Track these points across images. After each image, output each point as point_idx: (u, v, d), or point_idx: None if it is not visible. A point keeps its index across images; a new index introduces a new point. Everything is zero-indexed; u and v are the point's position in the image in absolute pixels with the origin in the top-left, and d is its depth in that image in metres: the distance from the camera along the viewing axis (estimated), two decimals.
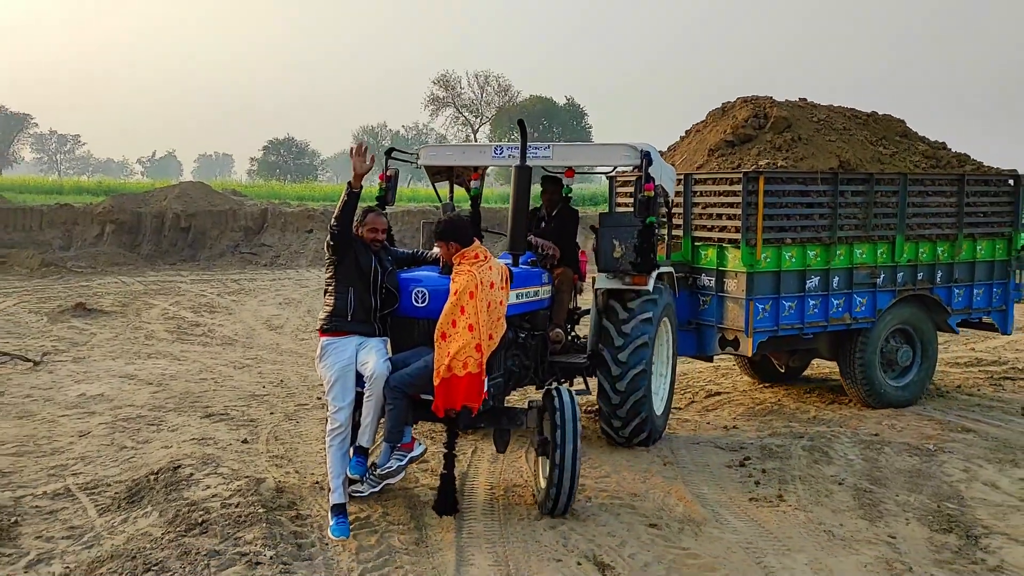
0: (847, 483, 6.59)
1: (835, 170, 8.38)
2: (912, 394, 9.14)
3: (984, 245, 9.36)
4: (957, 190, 9.03)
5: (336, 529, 5.37)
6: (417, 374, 5.63)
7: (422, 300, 5.84)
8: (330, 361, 5.69)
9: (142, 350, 12.28)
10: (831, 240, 8.31)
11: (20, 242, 24.58)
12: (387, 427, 5.67)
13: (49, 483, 6.60)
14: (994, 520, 5.98)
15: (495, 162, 7.38)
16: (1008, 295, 9.66)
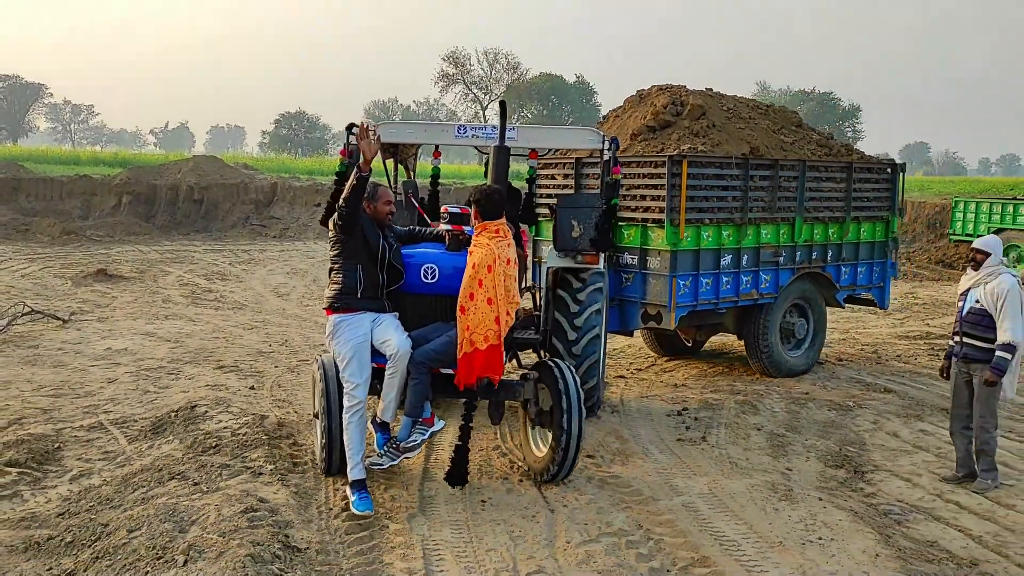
0: (765, 429, 7.69)
1: (747, 156, 9.01)
2: (806, 363, 9.93)
3: (867, 227, 10.29)
4: (846, 176, 9.87)
5: (360, 504, 5.44)
6: (442, 349, 5.73)
7: (432, 276, 5.94)
8: (344, 338, 5.64)
9: (160, 312, 13.43)
10: (742, 221, 8.92)
11: (41, 211, 25.76)
12: (409, 402, 5.74)
13: (84, 419, 7.73)
14: (884, 461, 7.06)
15: (458, 141, 7.38)
16: (886, 273, 10.67)
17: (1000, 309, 6.26)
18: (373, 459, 5.77)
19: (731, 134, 9.41)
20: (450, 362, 5.73)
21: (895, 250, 10.78)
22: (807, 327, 10.03)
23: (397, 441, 5.75)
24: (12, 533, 5.32)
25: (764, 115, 10.40)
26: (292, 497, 5.55)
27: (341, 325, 5.66)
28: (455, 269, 5.88)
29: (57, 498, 5.92)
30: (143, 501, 5.54)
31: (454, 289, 5.82)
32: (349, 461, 5.61)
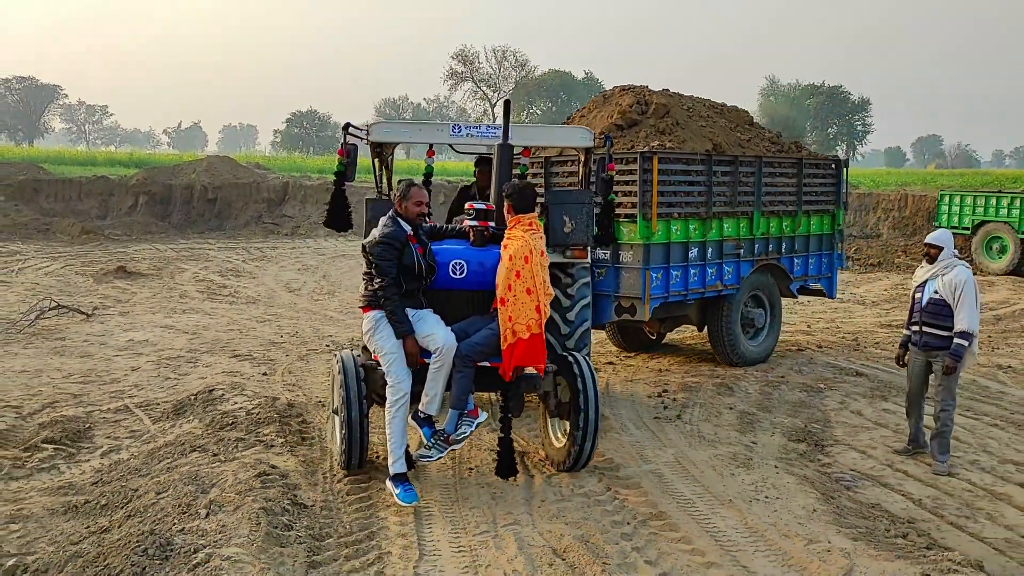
0: (736, 408, 8.32)
1: (710, 152, 9.39)
2: (765, 351, 10.36)
3: (816, 220, 10.79)
4: (797, 172, 10.37)
5: (405, 496, 5.52)
6: (486, 342, 5.84)
7: (460, 272, 6.05)
8: (386, 334, 5.72)
9: (177, 306, 14.15)
10: (707, 215, 9.26)
11: (61, 211, 26.57)
12: (455, 395, 5.85)
13: (111, 403, 8.43)
14: (845, 436, 7.67)
15: (453, 140, 7.40)
16: (833, 264, 11.20)
17: (957, 300, 6.68)
18: (422, 452, 5.84)
19: (694, 132, 9.87)
20: (492, 354, 5.85)
21: (841, 242, 11.30)
22: (765, 317, 10.42)
23: (445, 433, 5.81)
24: (52, 499, 6.01)
25: (720, 114, 10.90)
26: (300, 465, 6.23)
27: (382, 321, 5.74)
28: (482, 264, 6.05)
29: (90, 470, 6.61)
30: (168, 470, 6.22)
31: (482, 284, 6.03)
32: (392, 455, 5.68)
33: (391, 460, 5.68)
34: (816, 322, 13.59)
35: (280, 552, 4.61)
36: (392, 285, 5.67)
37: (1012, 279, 18.82)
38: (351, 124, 7.27)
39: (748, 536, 5.14)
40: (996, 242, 19.95)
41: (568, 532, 5.11)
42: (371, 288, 5.81)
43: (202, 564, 4.24)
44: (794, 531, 5.21)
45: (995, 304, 15.75)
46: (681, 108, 10.25)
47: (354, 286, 15.93)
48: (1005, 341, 12.21)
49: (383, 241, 5.69)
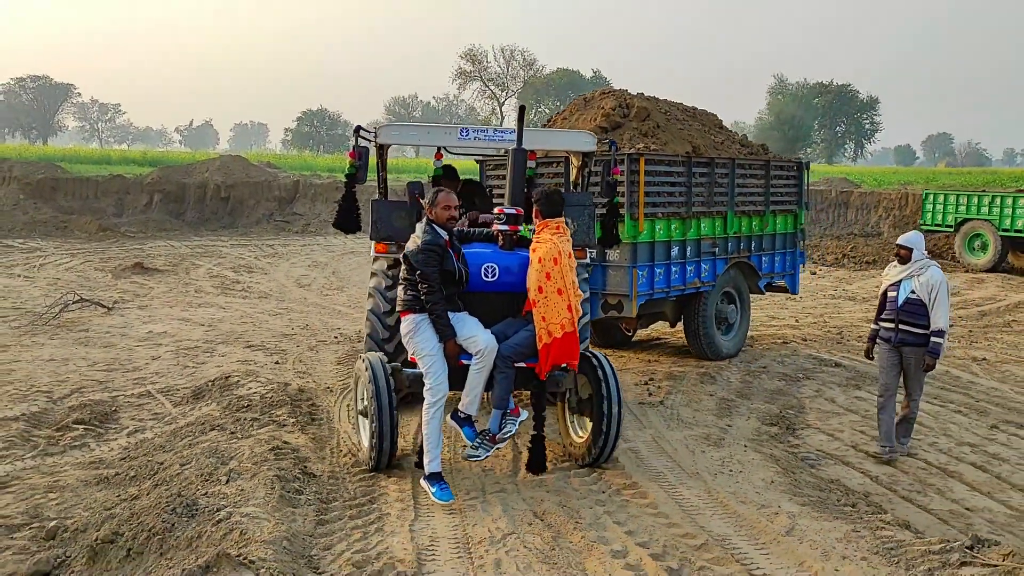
0: (717, 395, 8.89)
1: (690, 154, 9.73)
2: (737, 345, 10.77)
3: (781, 220, 11.28)
4: (764, 173, 10.84)
5: (441, 494, 5.66)
6: (525, 343, 6.02)
7: (492, 275, 6.20)
8: (426, 336, 5.86)
9: (193, 301, 14.81)
10: (687, 215, 9.62)
11: (78, 209, 27.30)
12: (497, 395, 6.02)
13: (134, 388, 9.06)
14: (817, 421, 8.23)
15: (460, 143, 7.52)
16: (796, 261, 11.73)
17: (933, 299, 6.90)
18: (470, 451, 6.00)
19: (674, 134, 10.27)
20: (531, 355, 6.03)
21: (803, 240, 11.82)
22: (737, 312, 10.83)
23: (491, 433, 5.99)
24: (85, 472, 6.64)
25: (693, 117, 11.33)
26: (310, 441, 6.85)
27: (423, 324, 5.87)
28: (512, 267, 6.21)
29: (118, 447, 7.24)
30: (190, 446, 6.84)
31: (512, 286, 6.20)
32: (428, 454, 5.79)
33: (427, 459, 5.80)
34: (805, 317, 14.14)
35: (292, 511, 5.23)
36: (438, 291, 5.80)
37: (1001, 276, 19.30)
38: (362, 127, 7.43)
39: (709, 503, 5.72)
40: (977, 239, 20.60)
41: (548, 498, 5.71)
42: (411, 293, 5.90)
43: (224, 520, 4.84)
44: (751, 499, 5.79)
45: (981, 300, 16.26)
46: (659, 111, 10.65)
47: (361, 282, 16.55)
48: (985, 335, 12.73)
49: (425, 248, 5.80)
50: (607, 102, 10.57)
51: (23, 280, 16.61)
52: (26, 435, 7.45)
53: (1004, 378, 10.03)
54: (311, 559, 4.69)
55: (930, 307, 6.93)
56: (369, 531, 5.13)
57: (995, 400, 9.02)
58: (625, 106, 10.46)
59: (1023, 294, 16.78)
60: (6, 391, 8.74)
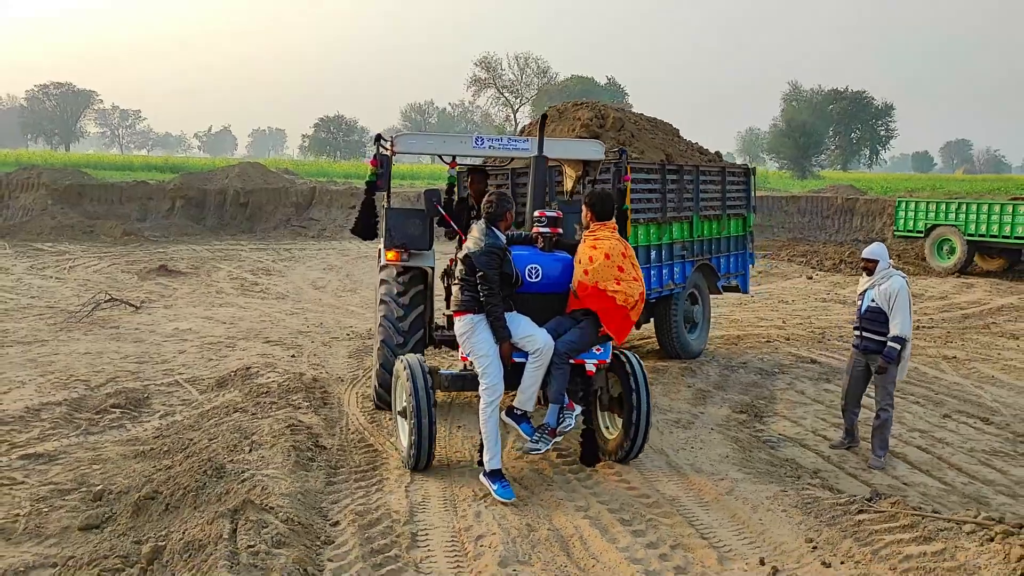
0: (695, 387, 9.68)
1: (664, 162, 10.24)
2: (703, 342, 11.34)
3: (733, 223, 11.88)
4: (721, 179, 11.41)
5: (503, 492, 5.85)
6: (581, 339, 6.24)
7: (536, 276, 6.35)
8: (483, 336, 6.04)
9: (215, 301, 15.74)
10: (663, 220, 10.11)
11: (103, 214, 28.39)
12: (555, 390, 6.22)
13: (164, 379, 9.96)
14: (785, 410, 9.01)
15: (475, 152, 7.73)
16: (746, 262, 12.39)
17: (892, 307, 7.18)
18: (529, 445, 6.22)
19: (647, 143, 10.91)
20: (583, 350, 6.29)
21: (752, 242, 12.48)
22: (700, 312, 11.35)
23: (549, 427, 6.19)
24: (123, 448, 7.52)
25: (657, 128, 11.92)
26: (321, 421, 7.71)
27: (480, 324, 6.04)
28: (554, 268, 6.42)
29: (152, 428, 8.12)
30: (216, 425, 7.72)
31: (554, 286, 6.40)
32: (487, 452, 5.99)
33: (487, 457, 6.03)
34: (792, 318, 14.89)
35: (305, 474, 6.09)
36: (498, 292, 5.98)
37: (990, 281, 19.97)
38: (382, 136, 7.61)
39: (667, 472, 6.53)
40: (946, 244, 21.64)
41: (527, 468, 6.55)
42: (469, 294, 6.06)
43: (248, 479, 5.70)
44: (705, 469, 6.61)
45: (967, 304, 16.94)
46: (630, 122, 11.24)
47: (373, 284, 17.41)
48: (961, 336, 13.43)
49: (490, 251, 5.99)
50: (583, 113, 11.02)
51: (55, 281, 17.61)
52: (69, 417, 8.34)
53: (968, 374, 10.75)
54: (320, 509, 5.55)
55: (889, 314, 7.21)
56: (370, 491, 5.98)
57: (954, 393, 9.77)
58: (600, 116, 10.93)
59: (1009, 298, 17.45)
60: (48, 380, 9.65)
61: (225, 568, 4.19)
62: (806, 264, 23.50)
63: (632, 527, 5.34)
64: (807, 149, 79.20)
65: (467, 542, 5.12)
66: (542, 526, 5.36)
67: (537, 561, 4.84)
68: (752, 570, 4.74)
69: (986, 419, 8.69)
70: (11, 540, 5.65)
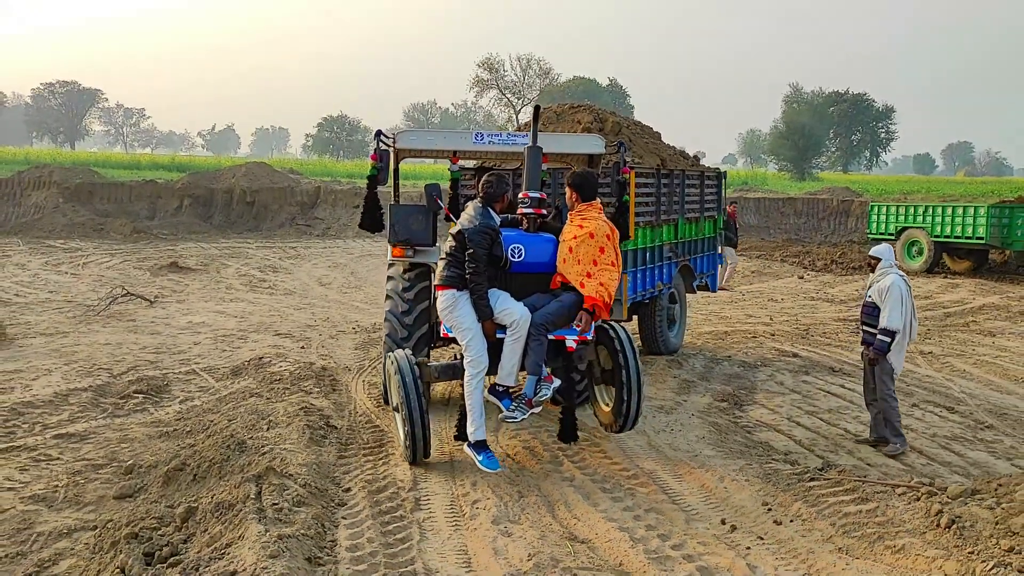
0: (680, 377, 10.30)
1: (659, 167, 10.58)
2: (680, 339, 11.74)
3: (707, 225, 12.37)
4: (699, 183, 11.91)
5: (487, 462, 6.12)
6: (558, 312, 6.31)
7: (518, 255, 6.46)
8: (466, 311, 6.17)
9: (225, 296, 16.39)
10: (656, 223, 10.42)
11: (113, 212, 29.08)
12: (532, 361, 6.30)
13: (181, 368, 10.59)
14: (763, 399, 9.62)
15: (476, 147, 7.81)
16: (715, 262, 12.98)
17: (883, 301, 7.51)
18: (506, 414, 6.32)
19: (642, 147, 11.27)
20: (562, 325, 6.37)
21: (721, 243, 13.01)
22: (679, 310, 11.71)
23: (526, 397, 6.30)
24: (148, 429, 8.16)
25: (644, 132, 12.31)
26: (331, 405, 8.36)
27: (462, 299, 6.18)
28: (536, 248, 6.51)
29: (173, 412, 8.76)
30: (234, 408, 8.36)
31: (537, 266, 6.48)
32: (472, 423, 6.22)
33: (471, 428, 6.27)
34: (780, 316, 15.50)
35: (319, 449, 6.73)
36: (483, 272, 6.12)
37: (975, 282, 20.59)
38: (382, 131, 7.74)
39: (647, 450, 7.17)
40: (915, 245, 22.57)
41: (520, 445, 7.19)
42: (455, 271, 6.20)
43: (268, 452, 6.34)
44: (681, 448, 7.24)
45: (950, 303, 17.55)
46: (625, 127, 11.61)
47: (378, 281, 18.09)
48: (941, 333, 14.04)
49: (483, 230, 6.13)
50: (583, 116, 11.39)
51: (71, 277, 18.28)
52: (95, 402, 8.99)
53: (941, 368, 11.36)
54: (334, 478, 6.20)
55: (881, 308, 7.55)
56: (378, 464, 6.63)
57: (925, 385, 10.37)
58: (600, 120, 11.30)
59: (991, 297, 18.06)
60: (73, 368, 10.30)
61: (254, 520, 4.82)
62: (798, 264, 24.11)
63: (612, 495, 5.98)
64: (806, 151, 79.84)
65: (464, 505, 5.77)
66: (531, 493, 6.00)
67: (525, 520, 5.48)
68: (714, 528, 5.39)
69: (951, 408, 9.29)
70: (53, 507, 6.29)
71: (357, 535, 5.24)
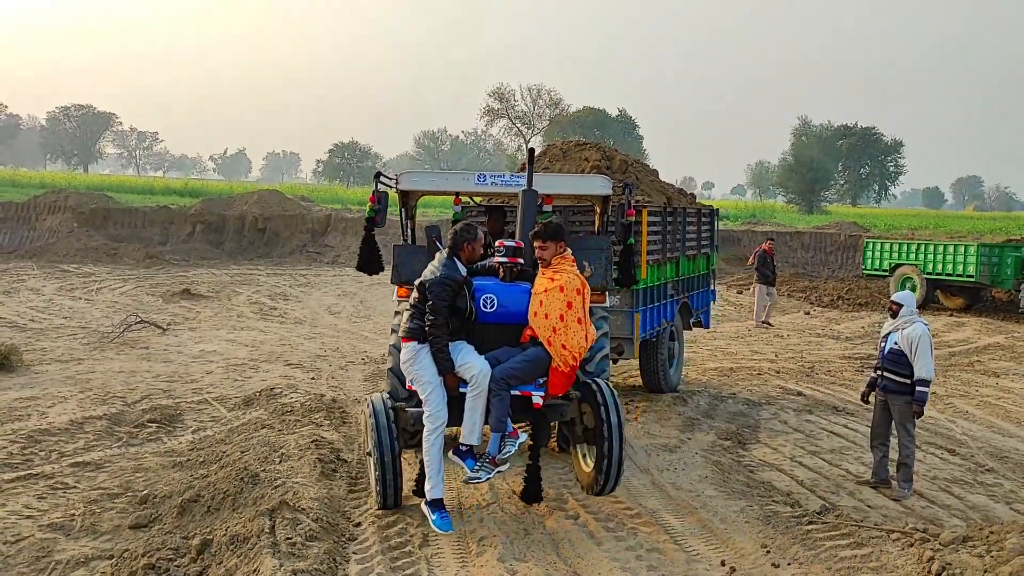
0: (685, 415, 10.44)
1: (666, 204, 10.73)
2: (679, 376, 11.73)
3: (701, 262, 12.43)
4: (697, 220, 12.02)
5: (441, 523, 5.95)
6: (520, 367, 6.15)
7: (490, 306, 6.32)
8: (426, 364, 6.06)
9: (236, 324, 16.61)
10: (663, 260, 10.45)
11: (127, 237, 29.43)
12: (495, 417, 6.11)
13: (194, 397, 10.78)
14: (767, 438, 9.75)
15: (478, 189, 7.72)
16: (709, 299, 13.11)
17: (914, 351, 7.52)
18: (470, 475, 6.12)
19: (648, 185, 11.32)
20: (525, 380, 6.20)
21: (714, 279, 13.18)
22: (677, 347, 11.67)
23: (491, 455, 6.11)
24: (161, 459, 8.33)
25: (646, 170, 12.24)
26: (342, 437, 8.53)
27: (423, 353, 6.06)
28: (510, 299, 6.37)
29: (186, 442, 8.93)
30: (246, 440, 8.53)
31: (511, 317, 6.34)
32: (429, 481, 6.05)
33: (428, 486, 6.10)
34: (785, 352, 15.63)
35: (330, 483, 6.90)
36: (443, 324, 6.01)
37: (980, 320, 20.69)
38: (382, 173, 7.64)
39: (651, 489, 7.32)
40: (908, 281, 22.81)
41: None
42: (417, 322, 6.10)
43: (280, 486, 6.51)
44: (684, 487, 7.38)
45: (955, 342, 17.65)
46: (631, 164, 11.64)
47: (387, 311, 18.30)
48: (945, 373, 14.12)
49: (443, 282, 6.03)
50: (591, 153, 11.37)
51: (84, 302, 18.55)
52: (110, 431, 9.17)
53: (944, 409, 11.46)
54: (345, 512, 6.37)
55: (911, 358, 7.54)
56: None
57: (927, 427, 10.47)
58: (608, 158, 11.34)
59: (996, 337, 18.16)
60: (88, 396, 10.50)
61: (269, 555, 4.99)
62: (805, 300, 24.24)
63: (615, 533, 6.13)
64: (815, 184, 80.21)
65: (471, 542, 5.92)
66: (536, 530, 6.16)
67: (531, 558, 5.63)
68: (714, 569, 5.54)
69: (952, 450, 9.39)
70: (70, 536, 6.46)
71: (367, 570, 5.41)
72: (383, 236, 9.68)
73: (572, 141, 12.29)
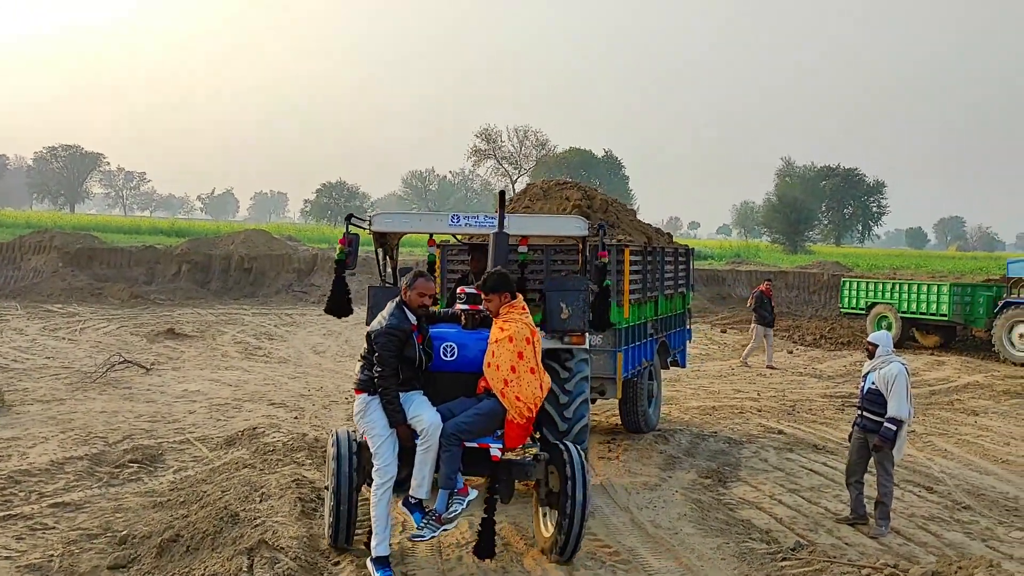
0: (666, 453, 10.50)
1: (647, 244, 10.82)
2: (658, 415, 11.76)
3: (677, 301, 12.57)
4: (674, 259, 12.21)
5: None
6: (473, 420, 5.98)
7: (451, 354, 6.22)
8: (377, 416, 5.93)
9: (220, 364, 16.60)
10: (643, 299, 10.49)
11: (112, 277, 29.41)
12: (444, 474, 5.95)
13: (176, 437, 10.77)
14: (747, 476, 9.81)
15: (451, 230, 7.62)
16: (685, 337, 13.23)
17: (889, 390, 7.64)
18: (415, 533, 5.97)
19: (628, 225, 11.46)
20: (480, 434, 6.02)
21: (690, 318, 13.34)
22: (656, 387, 11.71)
23: (437, 513, 5.94)
24: (142, 499, 8.31)
25: (624, 210, 12.41)
26: (323, 476, 8.50)
27: (373, 404, 5.96)
28: (471, 347, 6.24)
29: (167, 482, 8.92)
30: (227, 479, 8.53)
31: (471, 365, 6.20)
32: (375, 537, 5.88)
33: (374, 542, 5.95)
34: (767, 391, 15.73)
35: (310, 522, 6.92)
36: (392, 376, 5.89)
37: (960, 359, 20.88)
38: (353, 215, 7.53)
39: (630, 527, 7.37)
40: (884, 320, 23.08)
41: (507, 521, 7.36)
42: (367, 373, 6.00)
43: (260, 525, 6.52)
44: (663, 526, 7.44)
45: (935, 381, 17.81)
46: (611, 204, 11.78)
47: None
48: (925, 411, 14.23)
49: (388, 332, 5.90)
50: (572, 193, 11.38)
51: (68, 342, 18.50)
52: (91, 471, 9.14)
53: (923, 447, 11.56)
54: (324, 552, 6.37)
55: (887, 396, 7.67)
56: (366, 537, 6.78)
57: (906, 464, 10.53)
58: (589, 198, 11.41)
59: (976, 376, 18.34)
60: (69, 436, 10.47)
61: None
62: (788, 339, 24.41)
63: (593, 571, 6.17)
64: (799, 224, 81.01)
65: None
66: (515, 568, 6.19)
67: None
68: None
69: (930, 488, 9.48)
70: None
71: None
72: (369, 276, 9.75)
73: (553, 180, 12.38)
